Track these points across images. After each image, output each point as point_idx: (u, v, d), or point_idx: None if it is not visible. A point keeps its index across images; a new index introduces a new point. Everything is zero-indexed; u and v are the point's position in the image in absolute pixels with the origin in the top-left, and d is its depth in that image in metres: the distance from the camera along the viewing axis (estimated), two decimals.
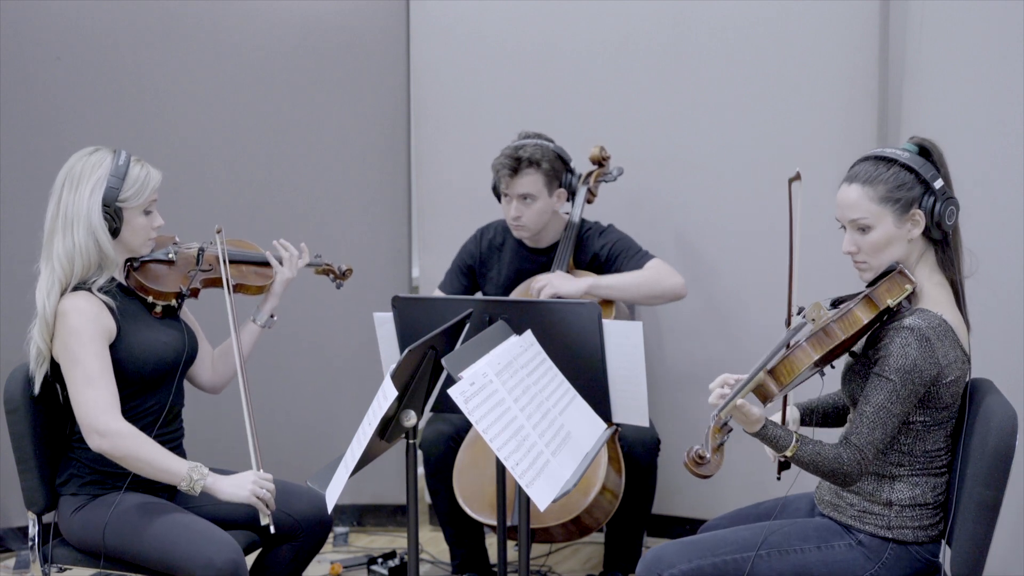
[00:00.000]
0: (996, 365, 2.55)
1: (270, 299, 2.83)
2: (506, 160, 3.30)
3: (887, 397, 2.15)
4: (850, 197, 2.24)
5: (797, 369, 2.15)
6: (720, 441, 2.14)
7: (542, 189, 3.32)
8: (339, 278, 3.05)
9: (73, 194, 2.48)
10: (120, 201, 2.50)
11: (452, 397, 2.07)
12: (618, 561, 3.33)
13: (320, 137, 3.95)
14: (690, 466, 2.14)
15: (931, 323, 2.17)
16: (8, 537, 3.81)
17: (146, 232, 2.57)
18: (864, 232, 2.24)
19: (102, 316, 2.49)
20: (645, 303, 3.35)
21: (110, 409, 2.45)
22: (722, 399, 2.19)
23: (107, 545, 2.47)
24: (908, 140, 2.29)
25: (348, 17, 3.93)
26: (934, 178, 2.21)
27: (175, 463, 2.48)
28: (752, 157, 3.60)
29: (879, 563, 2.24)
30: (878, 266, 2.25)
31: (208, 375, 2.82)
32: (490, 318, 2.56)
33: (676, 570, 2.28)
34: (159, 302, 2.63)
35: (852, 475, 2.18)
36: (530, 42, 3.83)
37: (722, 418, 2.15)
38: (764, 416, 2.20)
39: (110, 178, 2.49)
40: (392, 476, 3.94)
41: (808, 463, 2.20)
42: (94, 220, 2.47)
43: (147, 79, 3.81)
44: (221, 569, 2.38)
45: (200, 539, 2.43)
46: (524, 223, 3.35)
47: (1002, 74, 3.03)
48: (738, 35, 3.58)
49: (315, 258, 2.97)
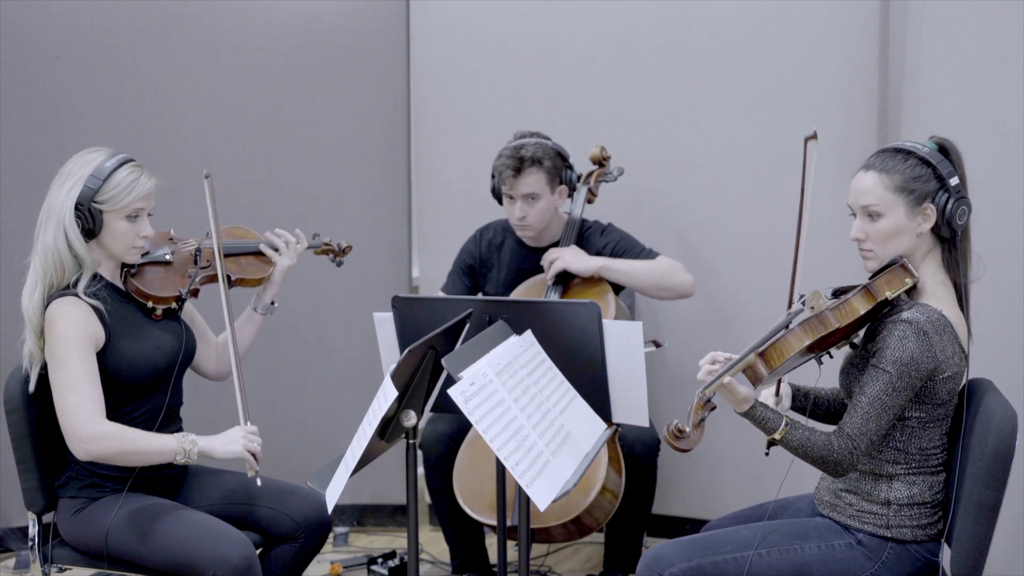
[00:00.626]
0: (996, 365, 2.56)
1: (270, 287, 2.80)
2: (508, 161, 3.29)
3: (883, 389, 2.16)
4: (865, 183, 2.26)
5: (787, 353, 2.16)
6: (701, 417, 2.15)
7: (545, 187, 3.32)
8: (338, 255, 3.01)
9: (57, 191, 2.47)
10: (96, 202, 2.45)
11: (452, 397, 2.07)
12: (618, 561, 3.33)
13: (320, 137, 3.95)
14: (669, 439, 2.16)
15: (930, 317, 2.17)
16: (8, 537, 3.81)
17: (128, 239, 2.51)
18: (874, 219, 2.25)
19: (90, 322, 2.45)
20: (652, 294, 3.35)
21: (93, 414, 2.41)
22: (710, 376, 2.19)
23: (110, 547, 2.46)
24: (928, 138, 2.30)
25: (348, 17, 3.93)
26: (950, 175, 2.23)
27: (164, 441, 2.45)
28: (752, 157, 3.60)
29: (879, 562, 2.24)
30: (883, 256, 2.26)
31: (213, 365, 2.81)
32: (490, 318, 2.56)
33: (676, 569, 2.28)
34: (160, 307, 2.60)
35: (842, 464, 2.19)
36: (530, 42, 3.83)
37: (706, 395, 2.16)
38: (752, 396, 2.20)
39: (90, 178, 2.45)
40: (392, 476, 3.94)
41: (796, 447, 2.21)
42: (65, 218, 2.44)
43: (147, 79, 3.80)
44: (237, 566, 2.38)
45: (213, 536, 2.43)
46: (529, 222, 3.34)
47: (1002, 74, 3.03)
48: (738, 35, 3.58)
49: (313, 239, 2.94)
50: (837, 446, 2.19)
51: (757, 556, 2.26)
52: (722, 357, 2.23)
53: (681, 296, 3.33)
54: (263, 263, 2.79)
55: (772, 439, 2.22)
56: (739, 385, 2.18)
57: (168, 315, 2.64)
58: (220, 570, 2.38)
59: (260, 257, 2.80)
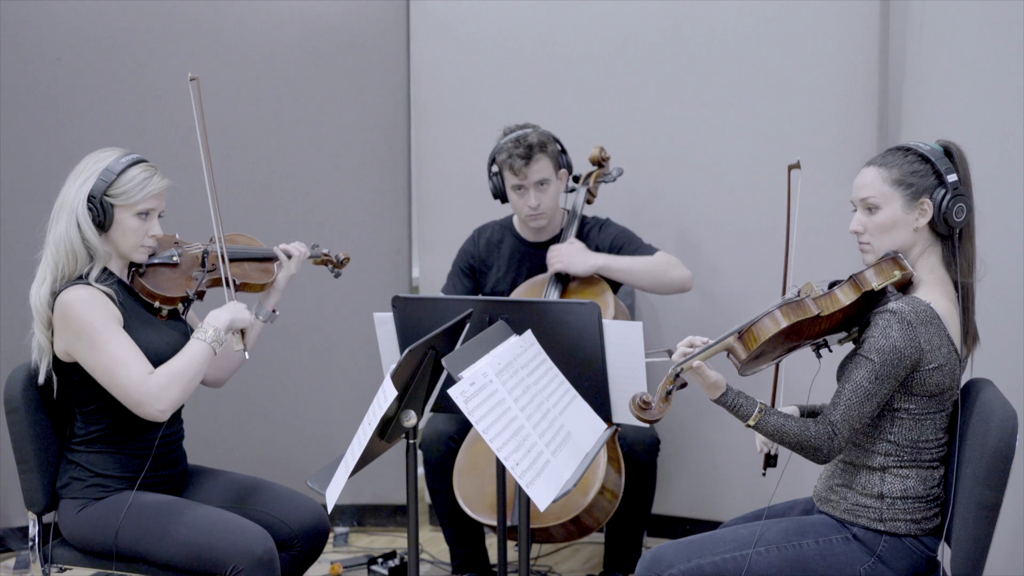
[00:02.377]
0: (996, 365, 2.56)
1: (272, 294, 2.80)
2: (517, 151, 3.28)
3: (865, 376, 2.19)
4: (864, 178, 2.31)
5: (763, 335, 2.19)
6: (668, 390, 2.21)
7: (552, 171, 3.33)
8: (337, 266, 3.01)
9: (71, 185, 2.51)
10: (108, 196, 2.48)
11: (452, 397, 2.07)
12: (618, 561, 3.33)
13: (320, 137, 3.95)
14: (635, 411, 2.22)
15: (915, 308, 2.20)
16: (8, 537, 3.81)
17: (137, 237, 2.53)
18: (872, 212, 2.29)
19: (108, 303, 2.48)
20: (652, 290, 3.36)
21: (143, 378, 2.43)
22: (683, 357, 2.25)
23: (121, 545, 2.45)
24: (935, 141, 2.33)
25: (348, 17, 3.93)
26: (948, 171, 2.26)
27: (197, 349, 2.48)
28: (752, 157, 3.60)
29: (875, 556, 2.25)
30: (880, 248, 2.29)
31: (211, 371, 2.77)
32: (490, 318, 2.56)
33: (676, 570, 2.29)
34: (166, 307, 2.62)
35: (821, 449, 2.22)
36: (530, 42, 3.83)
37: (676, 371, 2.22)
38: (723, 382, 2.24)
39: (104, 171, 2.49)
40: (392, 476, 3.94)
41: (772, 432, 2.25)
42: (78, 209, 2.47)
43: (148, 80, 3.81)
44: (261, 557, 2.40)
45: (235, 529, 2.44)
46: (543, 209, 3.34)
47: (1002, 74, 3.03)
48: (738, 35, 3.58)
49: (313, 248, 2.95)
50: (815, 431, 2.22)
51: (756, 554, 2.27)
52: (699, 341, 2.28)
53: (680, 290, 3.34)
54: (267, 269, 2.80)
55: (748, 426, 2.26)
56: (709, 370, 2.23)
57: (172, 316, 2.65)
58: (244, 561, 2.38)
59: (264, 263, 2.81)
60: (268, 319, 2.82)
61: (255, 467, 2.90)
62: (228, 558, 2.39)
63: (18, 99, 3.70)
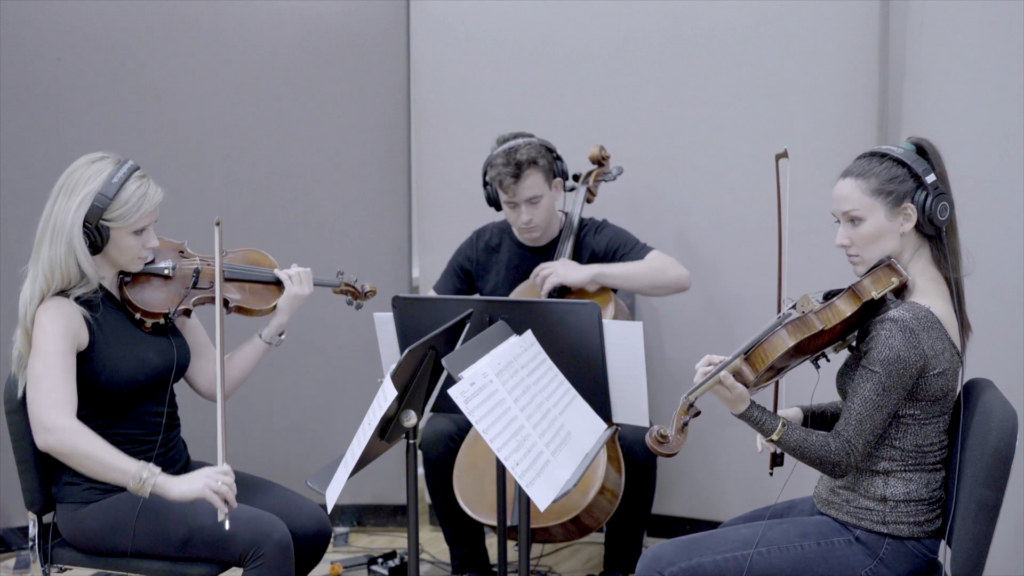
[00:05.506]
0: (996, 365, 2.56)
1: (278, 315, 2.74)
2: (505, 168, 3.25)
3: (873, 389, 2.18)
4: (843, 190, 2.29)
5: (771, 355, 2.18)
6: (684, 422, 2.18)
7: (544, 186, 3.30)
8: (359, 297, 2.97)
9: (64, 203, 2.42)
10: (106, 220, 2.42)
11: (452, 397, 2.07)
12: (618, 561, 3.33)
13: (320, 137, 3.95)
14: (653, 445, 2.18)
15: (916, 314, 2.19)
16: (8, 537, 3.81)
17: (134, 252, 2.49)
18: (856, 224, 2.28)
19: (73, 320, 2.43)
20: (650, 293, 3.35)
21: (61, 405, 2.37)
22: (704, 378, 2.22)
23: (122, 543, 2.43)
24: (906, 140, 2.32)
25: (348, 17, 3.93)
26: (926, 172, 2.25)
27: (126, 461, 2.36)
28: (752, 157, 3.59)
29: (877, 558, 2.25)
30: (870, 259, 2.28)
31: (209, 384, 2.75)
32: (490, 318, 2.56)
33: (676, 568, 2.29)
34: (148, 320, 2.56)
35: (840, 465, 2.21)
36: (530, 42, 3.83)
37: (690, 399, 2.19)
38: (748, 396, 2.22)
39: (98, 195, 2.41)
40: (392, 476, 3.95)
41: (794, 448, 2.23)
42: (74, 237, 2.41)
43: (147, 80, 3.81)
44: (279, 542, 2.40)
45: (253, 516, 2.43)
46: (536, 224, 3.32)
47: (1002, 74, 3.03)
48: (738, 35, 3.58)
49: (337, 277, 2.91)
50: (834, 447, 2.21)
51: (757, 555, 2.27)
52: (717, 359, 2.25)
53: (678, 290, 3.33)
54: (269, 292, 2.74)
55: (770, 441, 2.24)
56: (735, 382, 2.20)
57: (158, 330, 2.60)
58: (264, 545, 2.38)
59: (268, 286, 2.74)
60: (273, 341, 2.76)
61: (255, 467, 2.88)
62: (246, 545, 2.39)
63: (18, 99, 3.70)
